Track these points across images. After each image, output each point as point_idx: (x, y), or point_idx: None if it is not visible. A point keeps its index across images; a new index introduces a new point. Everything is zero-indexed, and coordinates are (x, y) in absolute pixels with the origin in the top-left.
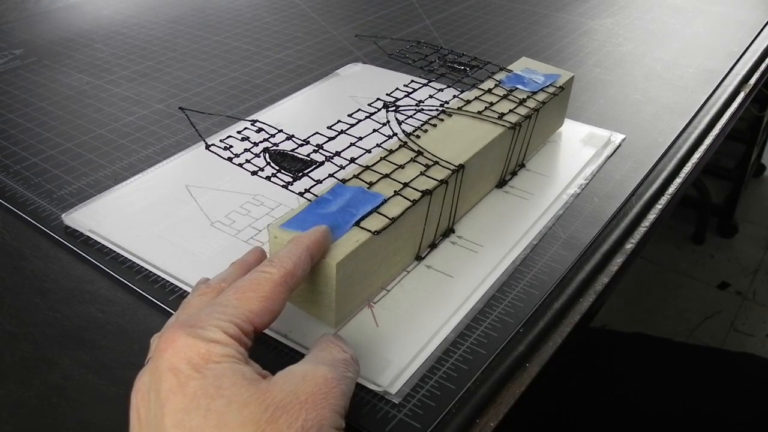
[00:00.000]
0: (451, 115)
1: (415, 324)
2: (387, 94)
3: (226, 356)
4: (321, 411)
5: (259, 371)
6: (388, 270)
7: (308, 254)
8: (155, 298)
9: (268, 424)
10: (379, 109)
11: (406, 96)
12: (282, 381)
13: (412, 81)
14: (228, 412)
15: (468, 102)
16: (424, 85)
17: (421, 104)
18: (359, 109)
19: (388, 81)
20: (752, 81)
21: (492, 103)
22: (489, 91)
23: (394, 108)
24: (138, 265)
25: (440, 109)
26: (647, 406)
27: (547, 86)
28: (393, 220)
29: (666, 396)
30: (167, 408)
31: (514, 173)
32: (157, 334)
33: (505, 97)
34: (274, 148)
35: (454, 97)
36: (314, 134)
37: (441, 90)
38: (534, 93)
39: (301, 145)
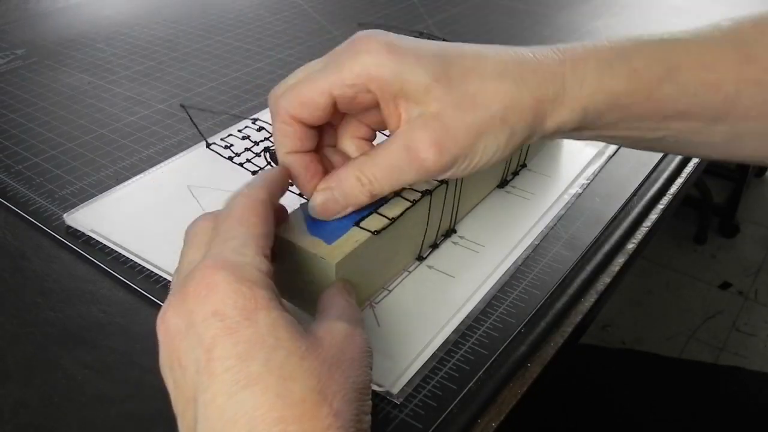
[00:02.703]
0: None
1: (416, 324)
2: None
3: (271, 301)
4: (364, 369)
5: (295, 318)
6: (389, 270)
7: (281, 183)
8: (157, 298)
9: (327, 378)
10: None
11: None
12: (329, 337)
13: None
14: (289, 363)
15: None
16: None
17: None
18: None
19: None
20: None
21: None
22: None
23: None
24: (140, 265)
25: None
26: (638, 421)
27: None
28: (393, 220)
29: (657, 412)
30: (216, 353)
31: (515, 173)
32: (174, 270)
33: None
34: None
35: None
36: None
37: None
38: None
39: None
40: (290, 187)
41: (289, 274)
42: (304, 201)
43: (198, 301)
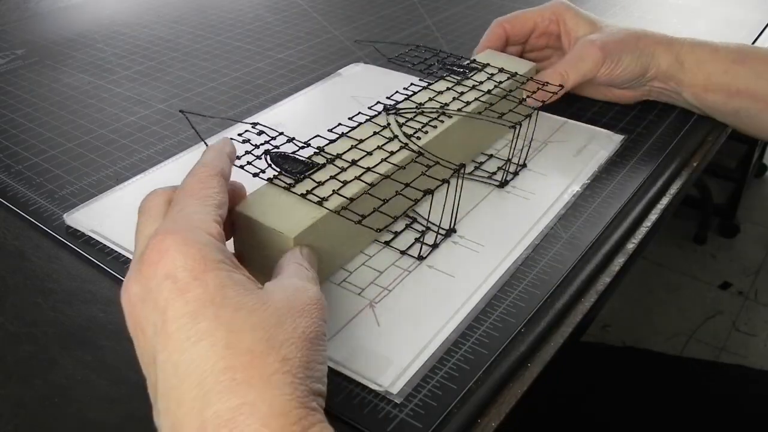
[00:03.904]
0: (448, 115)
1: (416, 324)
2: (387, 97)
3: (220, 262)
4: (315, 320)
5: (249, 276)
6: (350, 249)
7: (228, 157)
8: None
9: (275, 328)
10: (380, 112)
11: (406, 99)
12: (279, 291)
13: (412, 84)
14: (237, 318)
15: (461, 95)
16: (424, 88)
17: (420, 106)
18: (360, 112)
19: (390, 81)
20: None
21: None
22: (483, 89)
23: (394, 111)
24: None
25: (438, 110)
26: (639, 420)
27: (515, 75)
28: (351, 200)
29: (659, 410)
30: (169, 314)
31: (515, 173)
32: (145, 237)
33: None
34: (276, 150)
35: (448, 89)
36: (315, 137)
37: (441, 93)
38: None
39: (302, 148)
40: (248, 167)
41: (251, 249)
42: (264, 182)
43: (151, 267)
